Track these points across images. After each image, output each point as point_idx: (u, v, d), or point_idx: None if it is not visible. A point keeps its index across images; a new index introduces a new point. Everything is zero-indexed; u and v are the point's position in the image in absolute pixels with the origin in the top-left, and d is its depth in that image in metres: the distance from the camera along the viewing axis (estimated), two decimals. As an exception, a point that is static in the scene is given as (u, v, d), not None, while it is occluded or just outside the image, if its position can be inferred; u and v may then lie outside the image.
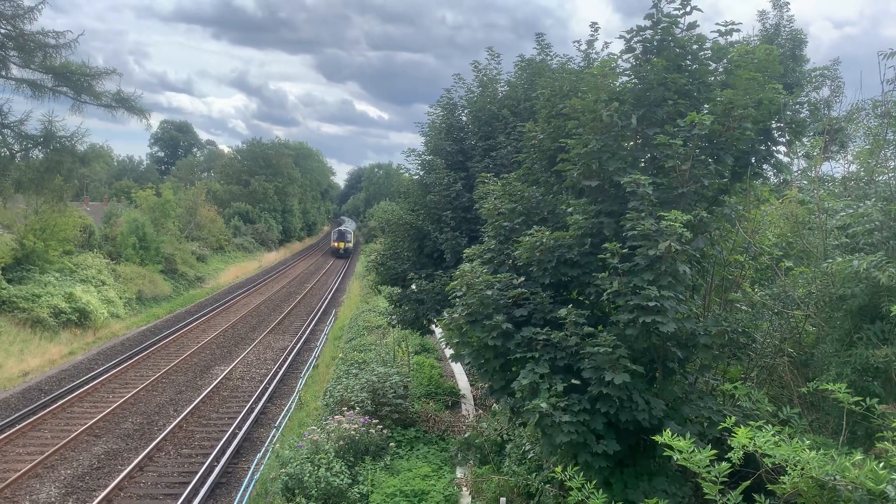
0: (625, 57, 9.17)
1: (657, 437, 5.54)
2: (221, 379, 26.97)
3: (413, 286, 18.06)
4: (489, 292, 8.62)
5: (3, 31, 24.20)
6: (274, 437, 19.15)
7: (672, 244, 7.25)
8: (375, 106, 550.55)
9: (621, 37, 9.06)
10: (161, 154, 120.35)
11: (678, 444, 5.25)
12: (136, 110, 25.38)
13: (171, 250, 50.99)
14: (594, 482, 5.86)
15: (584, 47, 13.28)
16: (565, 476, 5.80)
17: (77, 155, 26.81)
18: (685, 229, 7.35)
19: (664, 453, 7.99)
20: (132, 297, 40.21)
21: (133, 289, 40.84)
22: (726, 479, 5.10)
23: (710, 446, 5.48)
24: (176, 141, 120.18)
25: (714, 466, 5.12)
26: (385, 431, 15.65)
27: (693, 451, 5.23)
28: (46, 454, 18.16)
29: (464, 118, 19.06)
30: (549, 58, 17.07)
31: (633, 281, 7.44)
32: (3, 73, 25.69)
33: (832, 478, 4.82)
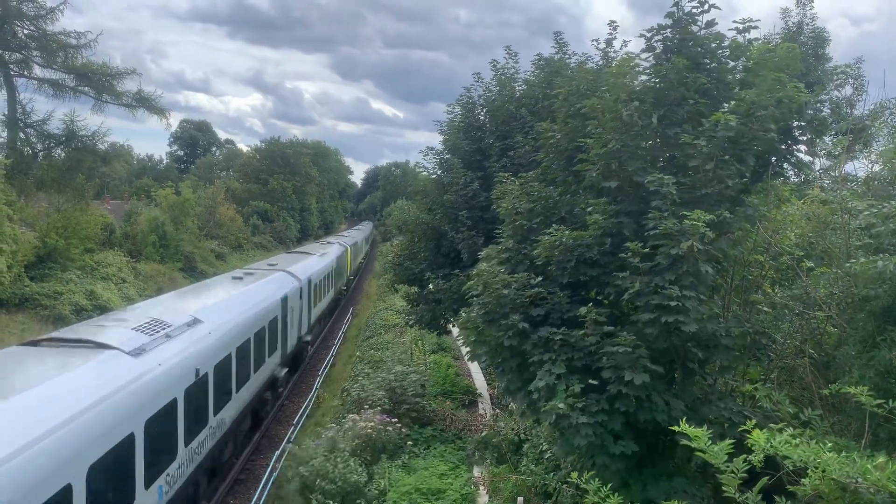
0: (644, 56, 9.10)
1: (675, 427, 5.45)
2: (240, 376, 27.09)
3: (430, 286, 18.04)
4: (506, 291, 8.60)
5: (25, 31, 24.47)
6: (292, 434, 19.25)
7: (695, 243, 7.20)
8: (391, 104, 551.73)
9: (642, 35, 8.99)
10: (180, 153, 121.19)
11: (695, 433, 5.16)
12: (156, 109, 25.65)
13: (191, 248, 51.46)
14: (611, 485, 5.79)
15: (602, 46, 13.21)
16: (581, 481, 5.75)
17: (98, 154, 27.08)
18: (708, 229, 7.30)
19: (681, 452, 7.98)
20: (152, 295, 40.53)
21: (153, 286, 41.19)
22: (745, 475, 5.03)
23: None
24: (195, 140, 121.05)
25: (732, 461, 5.05)
26: (402, 430, 15.68)
27: (710, 444, 5.14)
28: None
29: (482, 117, 19.00)
30: (566, 56, 16.98)
31: (654, 280, 7.39)
32: (26, 73, 25.95)
33: (854, 480, 4.76)
